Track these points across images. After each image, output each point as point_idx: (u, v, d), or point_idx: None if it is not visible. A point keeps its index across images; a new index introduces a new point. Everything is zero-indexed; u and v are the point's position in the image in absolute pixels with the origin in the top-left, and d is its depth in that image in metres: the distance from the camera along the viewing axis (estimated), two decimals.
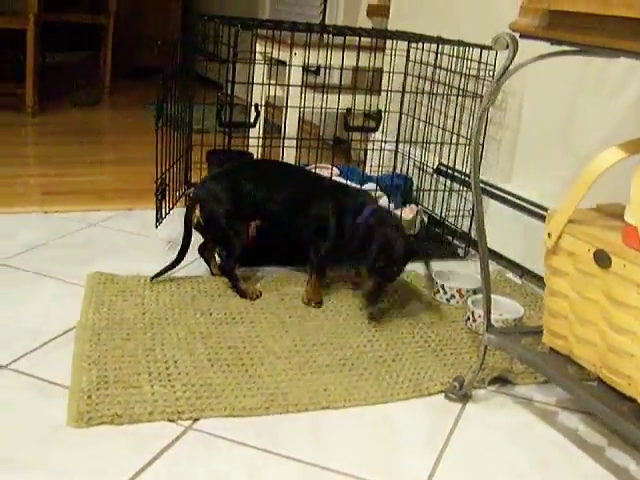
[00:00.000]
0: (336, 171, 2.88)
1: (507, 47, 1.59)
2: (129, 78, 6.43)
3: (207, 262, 2.47)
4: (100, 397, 1.70)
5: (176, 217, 2.83)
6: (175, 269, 2.37)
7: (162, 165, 2.63)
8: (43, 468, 1.49)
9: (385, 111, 2.90)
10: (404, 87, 3.12)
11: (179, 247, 2.35)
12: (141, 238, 2.73)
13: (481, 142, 2.69)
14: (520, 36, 1.62)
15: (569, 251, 1.64)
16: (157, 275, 2.33)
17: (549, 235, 1.68)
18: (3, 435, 1.58)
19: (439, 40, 2.81)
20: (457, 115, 2.84)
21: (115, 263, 2.45)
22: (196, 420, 1.68)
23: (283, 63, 3.27)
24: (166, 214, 2.70)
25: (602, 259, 1.55)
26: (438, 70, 2.92)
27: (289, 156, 3.05)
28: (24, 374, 1.81)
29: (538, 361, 1.74)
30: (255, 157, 3.27)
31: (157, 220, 2.64)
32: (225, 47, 2.58)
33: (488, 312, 1.82)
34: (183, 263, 2.42)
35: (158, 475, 1.50)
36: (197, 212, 2.31)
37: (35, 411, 1.67)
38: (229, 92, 2.56)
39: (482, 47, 2.66)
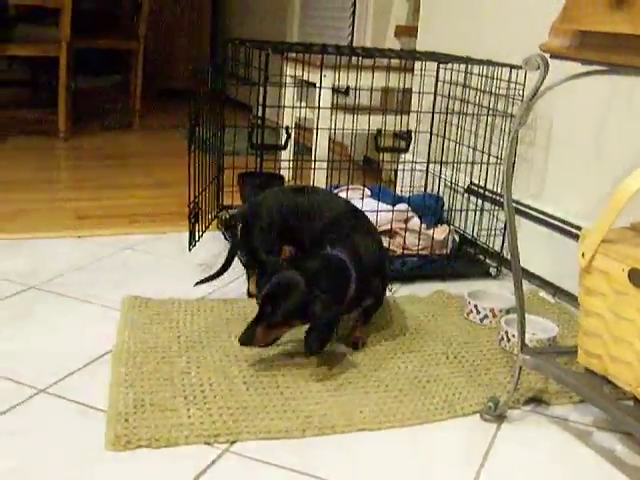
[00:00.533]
0: (367, 192, 2.89)
1: (538, 68, 1.60)
2: (159, 101, 6.50)
3: (248, 278, 2.49)
4: (137, 420, 1.72)
5: (209, 240, 2.86)
6: (216, 280, 2.44)
7: (195, 188, 2.66)
8: None
9: (415, 131, 2.91)
10: (434, 107, 3.13)
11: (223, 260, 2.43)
12: (175, 261, 2.75)
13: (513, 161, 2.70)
14: (551, 57, 1.63)
15: (603, 271, 1.64)
16: (201, 282, 2.42)
17: (583, 255, 1.68)
18: (41, 459, 1.59)
19: (468, 60, 2.83)
20: (487, 134, 2.85)
21: (149, 286, 2.47)
22: (233, 443, 1.69)
23: (313, 85, 3.29)
24: (199, 237, 2.73)
25: (636, 278, 1.54)
26: (467, 90, 2.93)
27: (320, 178, 3.07)
28: (61, 397, 1.83)
29: (573, 381, 1.74)
30: (286, 179, 3.29)
31: (190, 243, 2.66)
32: (255, 70, 2.60)
33: (522, 332, 1.81)
34: (220, 284, 2.44)
35: None
36: (239, 228, 2.38)
37: (73, 435, 1.68)
38: (260, 114, 2.58)
39: (511, 66, 2.67)
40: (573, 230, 2.56)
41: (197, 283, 2.42)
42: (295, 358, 2.07)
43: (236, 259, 2.42)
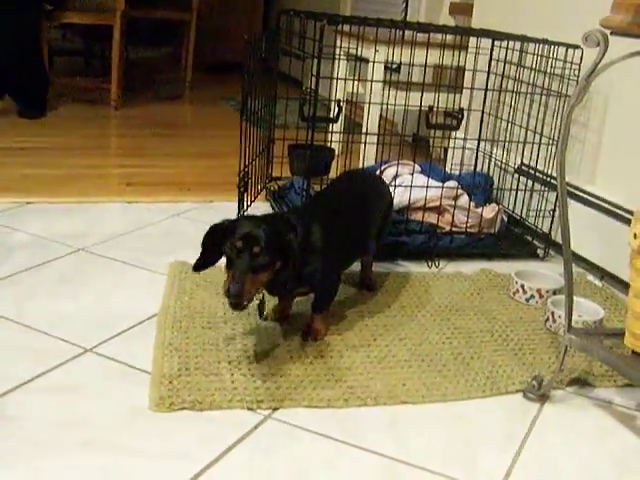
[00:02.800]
0: (417, 168, 2.88)
1: (598, 44, 1.57)
2: (210, 74, 6.52)
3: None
4: (181, 383, 1.73)
5: (257, 210, 2.86)
6: None
7: (245, 158, 2.66)
8: (124, 450, 1.52)
9: (467, 109, 2.89)
10: (487, 85, 3.10)
11: None
12: None
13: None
14: (611, 33, 1.60)
15: None
16: None
17: (635, 236, 1.66)
18: (86, 417, 1.61)
19: (523, 38, 2.79)
20: (540, 114, 2.82)
21: (195, 253, 2.47)
22: (275, 409, 1.70)
23: (365, 61, 3.28)
24: (247, 206, 2.74)
25: None
26: (522, 69, 2.90)
27: (369, 152, 3.06)
28: (107, 358, 1.85)
29: (620, 363, 1.72)
30: (336, 152, 3.29)
31: (239, 212, 2.67)
32: (309, 42, 2.59)
33: (570, 312, 1.80)
34: None
35: (237, 462, 1.52)
36: None
37: (117, 394, 1.70)
38: (313, 87, 2.58)
39: (568, 46, 2.63)
40: (624, 214, 2.52)
41: None
42: (340, 329, 2.07)
43: None
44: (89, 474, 1.44)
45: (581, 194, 2.75)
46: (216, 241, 1.84)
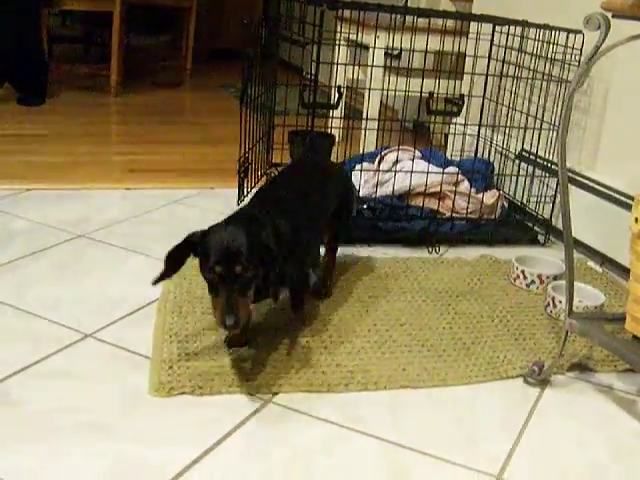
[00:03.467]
0: (418, 154, 2.87)
1: (599, 27, 1.57)
2: (210, 61, 6.50)
3: None
4: (181, 368, 1.73)
5: None
6: None
7: (245, 144, 2.66)
8: (124, 435, 1.52)
9: (468, 95, 2.88)
10: (487, 71, 3.09)
11: None
12: (222, 216, 2.72)
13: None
14: (613, 16, 1.59)
15: None
16: None
17: (636, 220, 1.65)
18: (86, 401, 1.62)
19: (524, 23, 2.78)
20: (541, 100, 2.81)
21: None
22: (275, 394, 1.70)
23: (365, 48, 3.27)
24: (248, 192, 2.73)
25: None
26: (523, 54, 2.89)
27: (370, 138, 3.06)
28: (108, 343, 1.85)
29: (621, 348, 1.72)
30: (336, 139, 3.28)
31: (239, 198, 2.67)
32: (309, 28, 2.58)
33: (571, 297, 1.79)
34: None
35: (237, 446, 1.52)
36: None
37: (117, 380, 1.70)
38: (313, 73, 2.57)
39: (569, 31, 2.62)
40: (625, 200, 2.52)
41: None
42: (340, 314, 2.07)
43: None
44: (88, 459, 1.44)
45: (582, 180, 2.75)
46: (179, 258, 1.73)
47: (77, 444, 1.48)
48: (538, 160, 2.84)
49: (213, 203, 2.88)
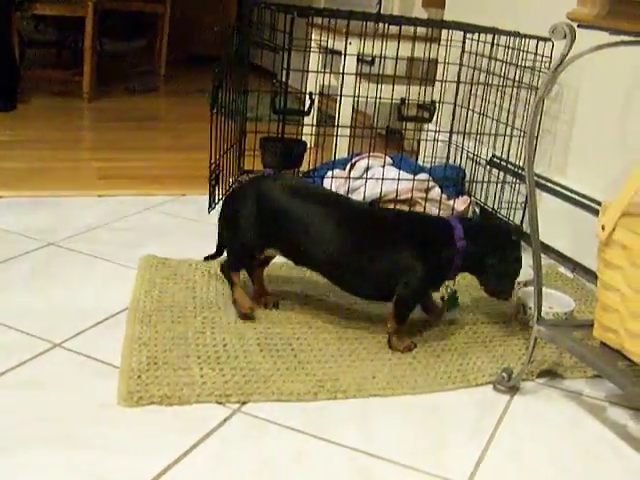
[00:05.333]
0: (389, 160, 2.88)
1: (564, 37, 1.58)
2: (184, 66, 6.49)
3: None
4: (150, 378, 1.72)
5: None
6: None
7: (216, 151, 2.65)
8: (93, 445, 1.51)
9: (439, 102, 2.89)
10: (459, 78, 3.11)
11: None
12: (194, 223, 2.76)
13: (536, 134, 2.68)
14: (578, 26, 1.60)
15: (623, 244, 1.62)
16: (207, 258, 2.26)
17: (603, 228, 1.66)
18: (54, 412, 1.60)
19: (495, 31, 2.79)
20: (511, 107, 2.82)
21: (167, 247, 2.48)
22: (244, 403, 1.69)
23: (338, 53, 3.27)
24: (219, 199, 2.73)
25: None
26: (493, 61, 2.90)
27: (342, 145, 3.06)
28: (76, 353, 1.84)
29: (588, 354, 1.73)
30: (308, 145, 3.27)
31: (210, 205, 2.66)
32: (280, 35, 2.58)
33: (539, 304, 1.80)
34: None
35: (205, 456, 1.51)
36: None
37: (86, 389, 1.69)
38: (284, 79, 2.57)
39: (539, 38, 2.63)
40: (595, 206, 2.53)
41: (207, 258, 2.25)
42: (310, 322, 2.07)
43: None
44: (57, 470, 1.43)
45: (552, 186, 2.76)
46: None
47: (45, 455, 1.46)
48: (509, 166, 2.85)
49: (184, 210, 2.88)
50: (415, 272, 1.94)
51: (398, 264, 1.95)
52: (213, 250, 2.24)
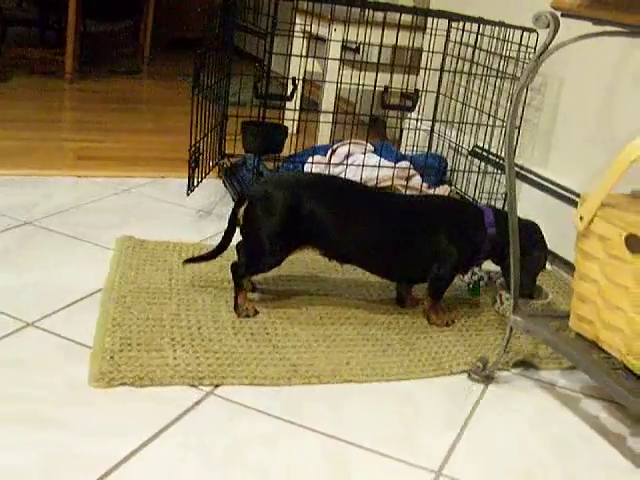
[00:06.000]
0: (370, 147, 2.87)
1: (548, 25, 1.57)
2: (169, 49, 6.45)
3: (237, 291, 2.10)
4: (122, 359, 1.71)
5: (208, 186, 2.85)
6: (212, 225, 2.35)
7: (197, 133, 2.63)
8: (63, 425, 1.49)
9: (422, 91, 2.88)
10: (442, 67, 3.10)
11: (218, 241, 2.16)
12: (172, 206, 2.74)
13: (517, 124, 2.67)
14: (562, 15, 1.60)
15: (600, 235, 1.62)
16: (189, 261, 2.14)
17: (581, 218, 1.66)
18: (25, 390, 1.59)
19: (480, 20, 2.78)
20: (495, 97, 2.82)
21: (145, 229, 2.46)
22: (217, 386, 1.68)
23: (322, 39, 3.26)
24: (198, 182, 2.71)
25: (633, 244, 1.53)
26: (478, 51, 2.89)
27: (324, 131, 3.05)
28: (49, 332, 1.82)
29: (563, 345, 1.73)
30: (290, 130, 3.26)
31: (189, 188, 2.64)
32: (265, 19, 2.57)
33: (516, 294, 1.80)
34: (214, 231, 2.44)
35: (176, 438, 1.50)
36: (241, 211, 2.01)
37: (58, 369, 1.68)
38: (267, 64, 2.55)
39: (523, 29, 2.63)
40: (575, 198, 2.53)
41: (186, 262, 2.14)
42: (286, 306, 2.06)
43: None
44: (25, 449, 1.41)
45: (533, 177, 2.76)
46: None
47: (15, 433, 1.45)
48: (490, 157, 2.85)
49: (163, 192, 2.86)
50: (449, 254, 2.03)
51: (434, 248, 2.03)
52: (193, 239, 2.22)
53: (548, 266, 2.58)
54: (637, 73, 2.38)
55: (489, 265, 2.32)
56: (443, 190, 2.84)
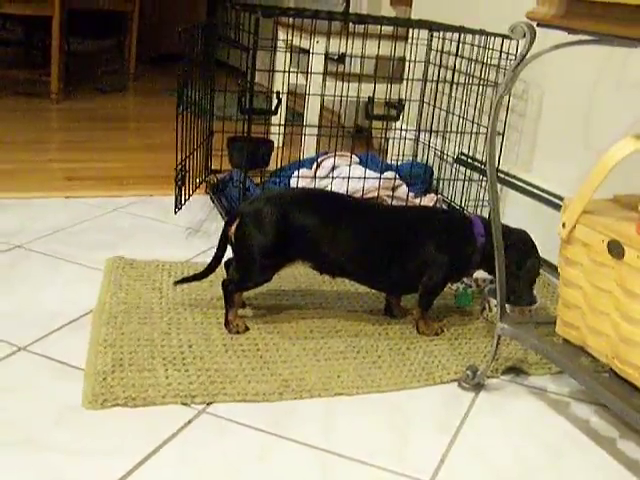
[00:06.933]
0: (355, 159, 2.89)
1: (524, 36, 1.59)
2: (154, 65, 6.46)
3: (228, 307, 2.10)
4: (115, 380, 1.72)
5: (196, 204, 2.86)
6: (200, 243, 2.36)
7: (183, 151, 2.64)
8: (57, 449, 1.50)
9: (406, 100, 2.90)
10: (426, 76, 3.12)
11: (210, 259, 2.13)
12: (161, 224, 2.75)
13: (501, 130, 2.70)
14: (538, 25, 1.62)
15: (583, 241, 1.64)
16: (180, 281, 2.12)
17: (564, 225, 1.68)
18: (19, 416, 1.60)
19: (461, 29, 2.81)
20: (478, 104, 2.84)
21: (135, 248, 2.47)
22: (209, 404, 1.69)
23: (307, 52, 3.28)
24: (185, 200, 2.72)
25: (616, 250, 1.55)
26: (460, 59, 2.91)
27: (310, 143, 3.06)
28: (41, 356, 1.83)
29: (551, 351, 1.74)
30: (276, 145, 3.27)
31: (176, 206, 2.65)
32: (247, 34, 2.58)
33: (502, 301, 1.82)
34: (203, 248, 2.45)
35: (170, 457, 1.51)
36: (233, 229, 2.02)
37: (51, 392, 1.69)
38: (250, 79, 2.57)
39: (503, 36, 2.65)
40: (559, 203, 2.55)
41: (177, 282, 2.13)
42: (275, 321, 2.08)
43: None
44: (21, 473, 1.42)
45: (518, 183, 2.78)
46: None
47: (9, 458, 1.46)
48: (476, 164, 2.87)
49: (151, 211, 2.87)
50: (440, 265, 2.05)
51: (425, 258, 2.05)
52: (182, 256, 2.22)
53: None
54: (619, 78, 2.40)
55: (479, 272, 2.34)
56: (429, 199, 2.86)
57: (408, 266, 2.06)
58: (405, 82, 3.05)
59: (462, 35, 2.85)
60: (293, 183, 2.77)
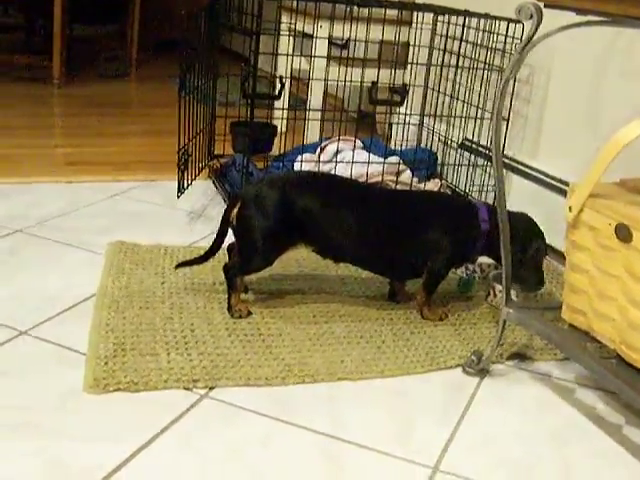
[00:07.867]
0: (359, 144, 2.87)
1: (531, 17, 1.56)
2: (156, 51, 6.43)
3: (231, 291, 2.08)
4: (117, 364, 1.71)
5: (198, 189, 2.84)
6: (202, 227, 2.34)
7: (185, 136, 2.63)
8: (59, 433, 1.49)
9: (410, 85, 2.88)
10: (430, 60, 3.09)
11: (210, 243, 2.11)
12: (163, 209, 2.73)
13: (506, 115, 2.67)
14: (545, 6, 1.59)
15: (590, 225, 1.62)
16: (181, 265, 2.12)
17: (570, 209, 1.66)
18: (20, 400, 1.59)
19: (466, 13, 2.78)
20: (483, 90, 2.81)
21: (136, 233, 2.46)
22: (212, 389, 1.68)
23: (309, 36, 3.25)
24: (188, 185, 2.70)
25: (623, 233, 1.53)
26: (464, 44, 2.89)
27: (313, 128, 3.04)
28: (43, 340, 1.82)
29: (556, 337, 1.73)
30: (279, 129, 3.25)
31: (179, 190, 2.64)
32: (250, 18, 2.56)
33: (507, 286, 1.80)
34: (206, 233, 2.43)
35: (172, 442, 1.50)
36: (234, 212, 2.00)
37: (53, 377, 1.68)
38: (253, 64, 2.55)
39: (509, 20, 2.63)
40: (566, 188, 2.53)
41: (178, 266, 2.13)
42: (278, 305, 2.06)
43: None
44: (22, 458, 1.41)
45: (524, 169, 2.76)
46: None
47: (11, 443, 1.45)
48: (480, 149, 2.85)
49: (153, 196, 2.85)
50: (444, 250, 2.04)
51: (429, 243, 2.04)
52: (185, 241, 2.21)
53: None
54: (624, 62, 2.38)
55: (484, 258, 2.32)
56: (434, 184, 2.84)
57: (412, 251, 2.05)
58: (409, 67, 3.03)
59: (467, 19, 2.83)
60: (297, 167, 2.75)
